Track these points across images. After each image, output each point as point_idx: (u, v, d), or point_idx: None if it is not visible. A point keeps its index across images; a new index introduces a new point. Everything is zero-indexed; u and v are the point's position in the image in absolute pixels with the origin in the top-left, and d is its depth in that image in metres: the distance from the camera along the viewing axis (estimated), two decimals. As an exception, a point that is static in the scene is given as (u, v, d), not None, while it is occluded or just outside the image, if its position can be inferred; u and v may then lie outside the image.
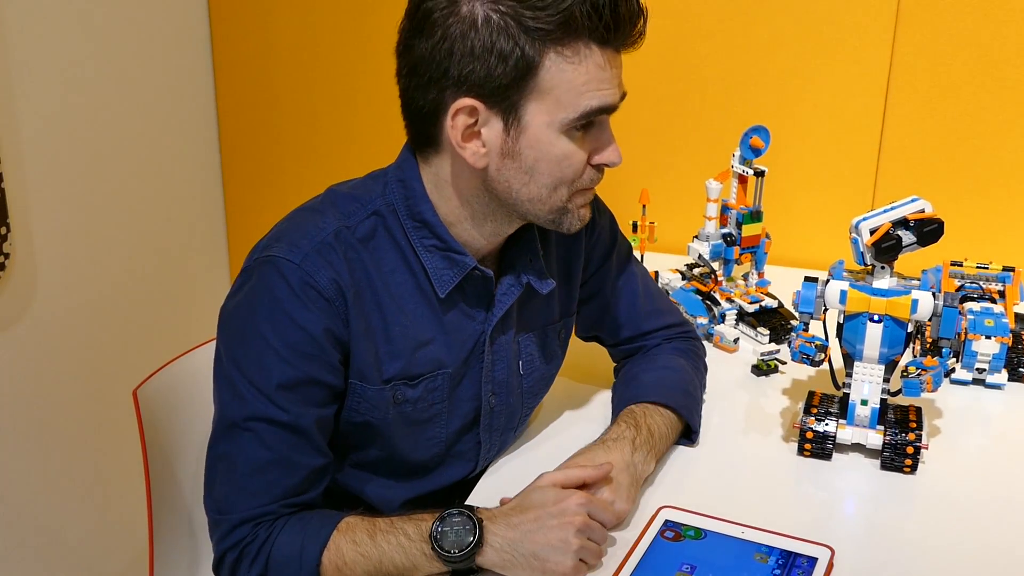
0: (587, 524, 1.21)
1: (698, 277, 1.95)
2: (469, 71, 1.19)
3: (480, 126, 1.24)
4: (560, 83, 1.20)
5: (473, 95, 1.21)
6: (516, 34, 1.17)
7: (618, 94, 1.25)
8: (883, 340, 1.42)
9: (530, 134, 1.23)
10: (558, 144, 1.24)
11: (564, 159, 1.25)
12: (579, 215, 1.33)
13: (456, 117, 1.23)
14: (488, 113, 1.22)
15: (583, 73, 1.20)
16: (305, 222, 1.30)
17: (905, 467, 1.43)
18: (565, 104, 1.21)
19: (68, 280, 2.25)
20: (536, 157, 1.25)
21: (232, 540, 1.24)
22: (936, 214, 1.41)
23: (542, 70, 1.19)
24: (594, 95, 1.22)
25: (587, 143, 1.27)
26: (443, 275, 1.33)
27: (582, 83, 1.21)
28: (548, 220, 1.32)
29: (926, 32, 2.08)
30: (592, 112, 1.23)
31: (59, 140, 2.20)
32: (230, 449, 1.26)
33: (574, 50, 1.19)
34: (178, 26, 2.52)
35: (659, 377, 1.52)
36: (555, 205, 1.29)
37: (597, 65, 1.21)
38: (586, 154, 1.27)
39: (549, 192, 1.28)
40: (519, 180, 1.27)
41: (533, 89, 1.20)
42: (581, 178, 1.28)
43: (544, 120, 1.22)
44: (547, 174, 1.26)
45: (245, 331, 1.25)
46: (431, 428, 1.39)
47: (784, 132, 2.17)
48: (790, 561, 1.21)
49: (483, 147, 1.25)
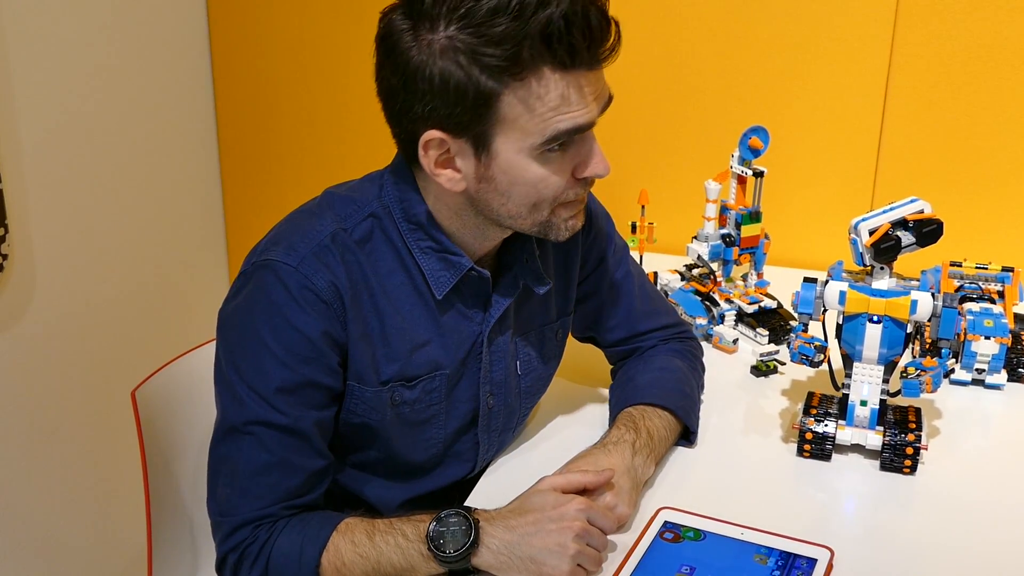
0: (586, 529, 1.20)
1: (697, 278, 1.95)
2: (431, 108, 1.19)
3: (453, 154, 1.23)
4: (523, 113, 1.18)
5: (439, 128, 1.21)
6: (471, 71, 1.15)
7: (592, 112, 1.22)
8: (882, 341, 1.42)
9: (501, 160, 1.22)
10: (531, 168, 1.22)
11: (540, 181, 1.24)
12: (567, 226, 1.31)
13: (427, 148, 1.23)
14: (457, 143, 1.22)
15: (547, 101, 1.17)
16: (302, 225, 1.30)
17: (904, 468, 1.43)
18: (531, 131, 1.19)
19: (67, 281, 2.25)
20: (510, 181, 1.24)
21: (233, 542, 1.25)
22: (935, 215, 1.41)
23: (502, 103, 1.17)
24: (561, 119, 1.19)
25: (568, 159, 1.25)
26: (440, 276, 1.33)
27: (547, 110, 1.18)
28: (534, 232, 1.31)
29: (925, 33, 2.08)
30: (561, 135, 1.20)
31: (58, 142, 2.19)
32: (231, 452, 1.26)
33: (535, 79, 1.16)
34: (177, 28, 2.52)
35: (656, 379, 1.52)
36: (538, 220, 1.28)
37: (562, 91, 1.18)
38: (568, 170, 1.25)
39: (529, 210, 1.27)
40: (497, 201, 1.26)
41: (496, 121, 1.19)
42: (564, 193, 1.27)
43: (513, 147, 1.21)
44: (523, 196, 1.25)
45: (243, 335, 1.26)
46: (429, 429, 1.39)
47: (783, 133, 2.17)
48: (789, 562, 1.21)
49: (458, 173, 1.25)
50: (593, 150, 1.26)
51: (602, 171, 1.26)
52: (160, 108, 2.49)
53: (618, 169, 1.31)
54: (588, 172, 1.26)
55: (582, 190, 1.29)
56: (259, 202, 2.73)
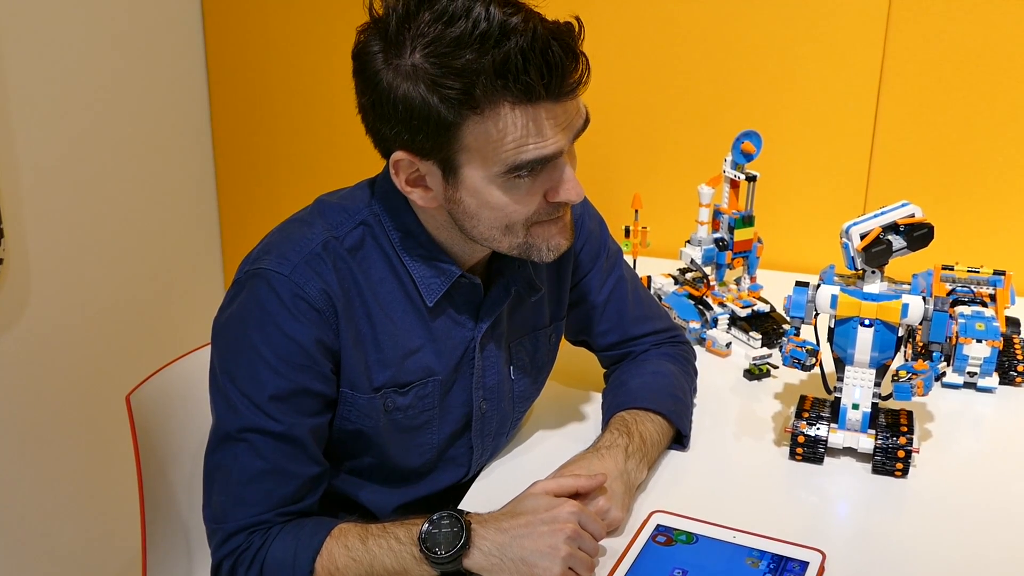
0: (578, 532, 1.20)
1: (690, 282, 1.96)
2: (396, 132, 1.20)
3: (423, 174, 1.24)
4: (484, 143, 1.18)
5: (405, 151, 1.22)
6: (432, 101, 1.15)
7: (559, 142, 1.20)
8: (874, 344, 1.42)
9: (468, 185, 1.22)
10: (496, 194, 1.22)
11: (507, 206, 1.23)
12: (549, 247, 1.30)
13: (396, 168, 1.24)
14: (425, 164, 1.23)
15: (507, 133, 1.16)
16: (293, 234, 1.30)
17: (896, 471, 1.43)
18: (494, 160, 1.19)
19: (62, 286, 2.25)
20: (478, 205, 1.24)
21: (228, 548, 1.25)
22: (926, 218, 1.42)
23: (463, 132, 1.17)
24: (524, 151, 1.18)
25: (538, 185, 1.23)
26: (430, 284, 1.34)
27: (508, 141, 1.17)
28: (514, 253, 1.31)
29: (917, 37, 2.09)
30: (523, 166, 1.19)
31: (54, 147, 2.19)
32: (225, 460, 1.26)
33: (493, 114, 1.15)
34: (172, 33, 2.52)
35: (648, 383, 1.52)
36: (514, 242, 1.28)
37: (523, 124, 1.16)
38: (538, 195, 1.24)
39: (502, 232, 1.27)
40: (469, 223, 1.27)
41: (459, 148, 1.19)
42: (533, 215, 1.26)
43: (478, 174, 1.21)
44: (493, 219, 1.25)
45: (237, 343, 1.26)
46: (423, 435, 1.40)
47: (775, 137, 2.18)
48: (781, 565, 1.22)
49: (429, 192, 1.26)
50: (563, 176, 1.24)
51: (573, 197, 1.25)
52: (156, 113, 2.49)
53: (612, 173, 1.32)
54: (559, 198, 1.25)
55: (556, 211, 1.27)
56: (254, 207, 2.73)
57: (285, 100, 2.61)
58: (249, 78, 2.62)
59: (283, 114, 2.63)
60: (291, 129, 2.64)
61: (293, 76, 2.58)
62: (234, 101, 2.65)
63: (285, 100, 2.61)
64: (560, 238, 1.30)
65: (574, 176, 1.25)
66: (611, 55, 2.29)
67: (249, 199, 2.73)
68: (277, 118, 2.64)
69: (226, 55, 2.62)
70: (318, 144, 2.61)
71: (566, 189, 1.24)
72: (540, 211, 1.26)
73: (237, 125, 2.67)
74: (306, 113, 2.60)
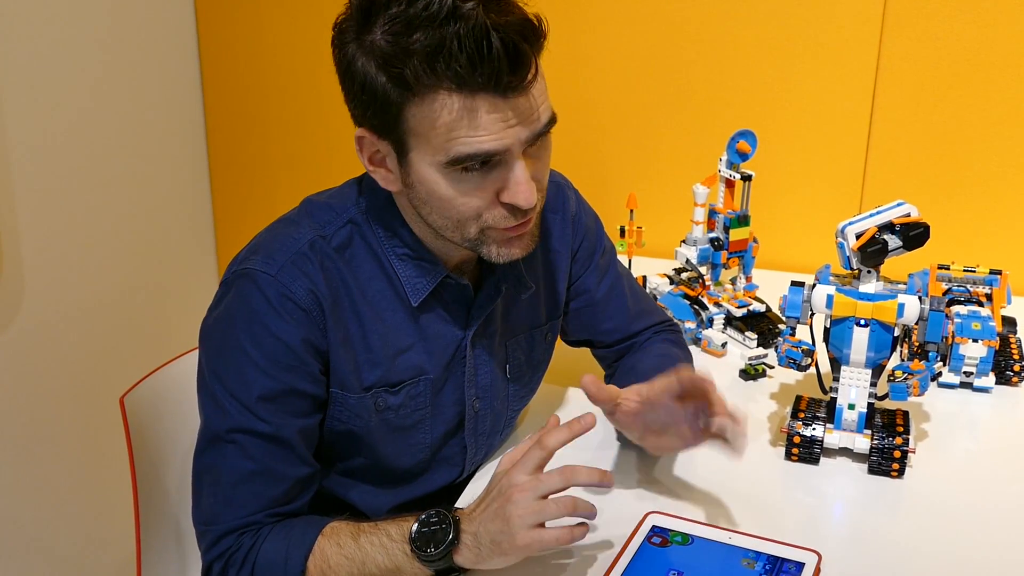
0: (518, 489, 1.16)
1: (686, 281, 1.96)
2: (354, 105, 1.21)
3: (383, 155, 1.24)
4: (426, 128, 1.16)
5: (365, 126, 1.22)
6: (378, 75, 1.15)
7: (504, 139, 1.16)
8: (870, 344, 1.42)
9: (416, 170, 1.21)
10: (442, 184, 1.20)
11: (455, 198, 1.21)
12: (500, 251, 1.27)
13: (360, 144, 1.25)
14: (383, 144, 1.22)
15: (445, 121, 1.14)
16: (280, 234, 1.30)
17: (892, 471, 1.43)
18: (436, 148, 1.17)
19: (55, 287, 2.25)
20: (427, 192, 1.22)
21: (218, 550, 1.24)
22: (922, 218, 1.41)
23: (407, 115, 1.16)
24: (464, 142, 1.15)
25: (490, 181, 1.20)
26: (416, 283, 1.33)
27: (448, 131, 1.15)
28: (466, 247, 1.28)
29: (912, 36, 2.09)
30: (462, 159, 1.16)
31: (47, 147, 2.19)
32: (214, 461, 1.26)
33: (430, 98, 1.14)
34: (165, 32, 2.52)
35: (659, 363, 1.50)
36: (466, 237, 1.26)
37: (461, 114, 1.14)
38: (489, 193, 1.21)
39: (454, 224, 1.24)
40: (424, 209, 1.26)
41: (406, 131, 1.18)
42: (488, 214, 1.22)
43: (425, 160, 1.19)
44: (442, 210, 1.23)
45: (225, 344, 1.26)
46: (415, 434, 1.39)
47: (771, 136, 2.18)
48: (777, 566, 1.21)
49: (390, 173, 1.25)
50: (514, 177, 1.20)
51: (521, 201, 1.20)
52: (149, 113, 2.49)
53: (607, 173, 1.31)
54: (508, 199, 1.21)
55: (511, 217, 1.23)
56: (248, 208, 2.72)
57: (279, 100, 2.61)
58: (243, 78, 2.62)
59: (277, 115, 2.62)
60: (285, 130, 2.63)
61: (287, 76, 2.58)
62: (228, 101, 2.65)
63: (279, 100, 2.61)
64: (512, 248, 1.27)
65: (528, 179, 1.20)
66: (606, 54, 2.28)
67: (243, 200, 2.73)
68: (271, 118, 2.63)
69: (219, 54, 2.61)
70: (312, 145, 2.61)
71: (514, 192, 1.20)
72: (495, 214, 1.23)
73: (231, 125, 2.67)
74: (300, 113, 2.60)
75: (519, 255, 1.29)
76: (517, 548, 1.15)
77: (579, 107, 2.30)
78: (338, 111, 1.28)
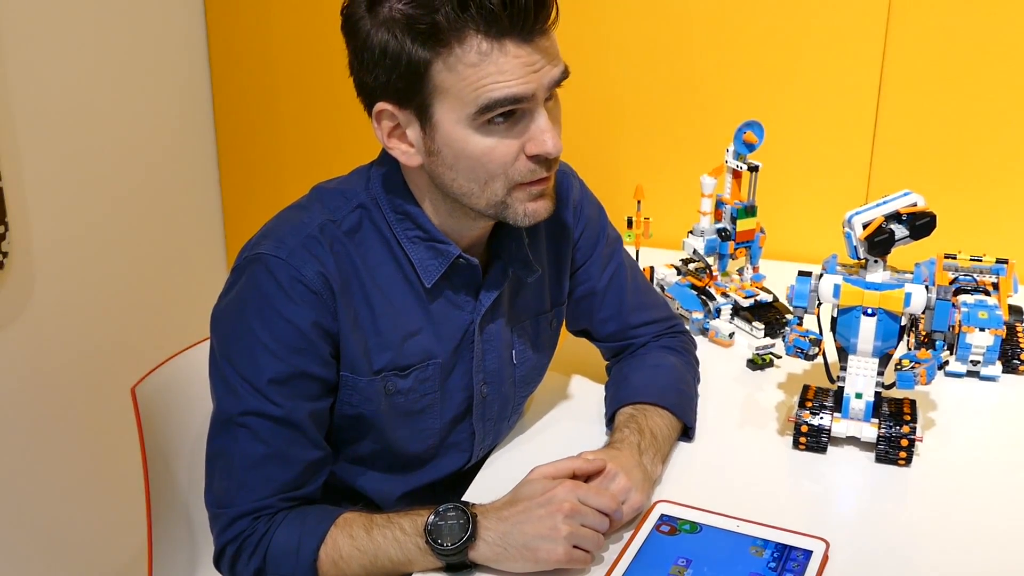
0: (576, 509, 1.20)
1: (693, 272, 1.96)
2: (374, 77, 1.22)
3: (404, 127, 1.25)
4: (455, 81, 1.18)
5: (385, 99, 1.23)
6: (403, 39, 1.17)
7: (530, 84, 1.19)
8: (877, 334, 1.42)
9: (443, 132, 1.22)
10: (472, 140, 1.22)
11: (484, 154, 1.23)
12: (526, 210, 1.28)
13: (380, 120, 1.25)
14: (404, 114, 1.24)
15: (476, 68, 1.17)
16: (291, 219, 1.31)
17: (900, 460, 1.43)
18: (465, 100, 1.19)
19: (66, 278, 2.25)
20: (455, 154, 1.24)
21: (231, 533, 1.26)
22: (928, 207, 1.42)
23: (434, 71, 1.18)
24: (493, 87, 1.18)
25: (515, 134, 1.23)
26: (428, 265, 1.34)
27: (477, 78, 1.17)
28: (490, 214, 1.30)
29: (919, 26, 2.09)
30: (494, 104, 1.19)
31: (57, 141, 2.20)
32: (226, 444, 1.27)
33: (459, 45, 1.17)
34: (175, 27, 2.52)
35: (650, 377, 1.52)
36: (492, 200, 1.27)
37: (490, 58, 1.17)
38: (516, 146, 1.23)
39: (480, 187, 1.26)
40: (448, 176, 1.26)
41: (432, 89, 1.20)
42: (513, 170, 1.24)
43: (452, 117, 1.21)
44: (470, 170, 1.24)
45: (236, 328, 1.27)
46: (424, 419, 1.40)
47: (778, 127, 2.17)
48: (785, 554, 1.22)
49: (411, 147, 1.26)
50: (538, 125, 1.23)
51: (550, 149, 1.23)
52: (159, 106, 2.49)
53: (614, 164, 1.32)
54: (534, 148, 1.23)
55: (538, 170, 1.25)
56: (257, 198, 2.73)
57: (288, 94, 2.61)
58: (252, 73, 2.62)
59: (286, 108, 2.63)
60: (294, 123, 2.64)
61: (296, 71, 2.58)
62: (237, 96, 2.65)
63: (288, 94, 2.61)
64: (539, 205, 1.29)
65: (552, 127, 1.23)
66: (613, 46, 2.28)
67: (252, 193, 2.73)
68: (280, 112, 2.64)
69: (229, 50, 2.62)
70: (321, 138, 2.61)
71: (541, 140, 1.22)
72: (521, 168, 1.25)
73: (240, 119, 2.67)
74: (309, 107, 2.60)
75: (544, 215, 1.30)
76: (551, 560, 1.18)
77: (586, 99, 2.30)
78: (346, 104, 1.29)
